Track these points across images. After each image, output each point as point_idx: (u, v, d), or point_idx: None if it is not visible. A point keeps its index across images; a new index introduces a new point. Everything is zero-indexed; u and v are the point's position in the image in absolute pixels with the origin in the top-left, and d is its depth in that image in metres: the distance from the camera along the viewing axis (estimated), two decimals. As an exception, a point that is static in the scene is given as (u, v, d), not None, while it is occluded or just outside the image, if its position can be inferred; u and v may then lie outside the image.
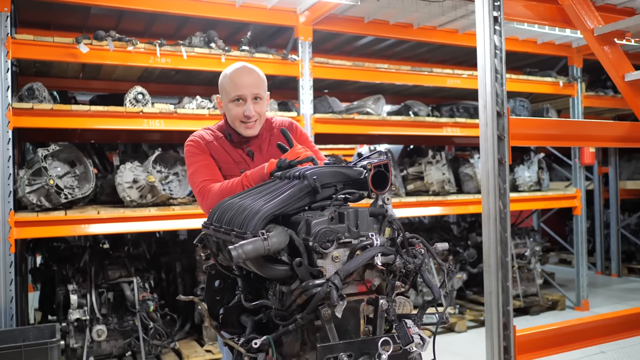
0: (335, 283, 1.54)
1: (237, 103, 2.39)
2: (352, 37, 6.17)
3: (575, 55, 6.73)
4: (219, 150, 2.46)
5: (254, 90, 2.39)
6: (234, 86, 2.38)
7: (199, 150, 2.44)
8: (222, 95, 2.47)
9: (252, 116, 2.39)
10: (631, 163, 9.13)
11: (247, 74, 2.42)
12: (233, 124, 2.44)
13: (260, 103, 2.42)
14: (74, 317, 4.39)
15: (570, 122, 3.83)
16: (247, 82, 2.39)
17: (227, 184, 2.29)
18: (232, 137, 2.47)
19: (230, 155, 2.46)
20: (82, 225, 4.29)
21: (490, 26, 2.96)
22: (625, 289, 7.88)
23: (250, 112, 2.38)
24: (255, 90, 2.39)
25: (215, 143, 2.46)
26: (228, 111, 2.43)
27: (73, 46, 4.25)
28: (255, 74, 2.43)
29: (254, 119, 2.41)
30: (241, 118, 2.39)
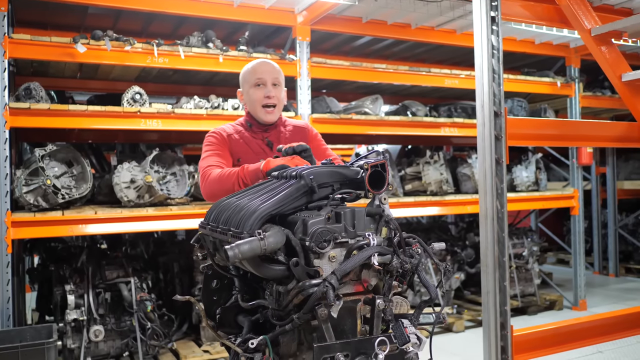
0: (332, 283, 1.54)
1: (258, 87, 2.57)
2: (350, 37, 6.17)
3: (573, 55, 6.73)
4: (239, 142, 2.59)
5: (273, 74, 2.60)
6: (254, 72, 2.59)
7: (216, 140, 2.58)
8: (244, 86, 2.64)
9: (273, 97, 2.56)
10: (629, 163, 9.14)
11: (266, 63, 2.66)
12: (254, 110, 2.60)
13: (279, 89, 2.60)
14: (71, 317, 4.39)
15: (568, 122, 3.84)
16: (266, 68, 2.61)
17: (225, 171, 2.38)
18: (253, 126, 2.62)
19: (250, 147, 2.59)
20: (80, 225, 4.28)
21: (488, 26, 2.96)
22: (623, 288, 7.89)
23: (271, 93, 2.56)
24: (274, 75, 2.60)
25: (236, 135, 2.60)
26: (249, 97, 2.60)
27: (70, 46, 4.24)
28: (273, 64, 2.66)
29: (274, 102, 2.58)
30: (262, 101, 2.56)
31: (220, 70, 4.97)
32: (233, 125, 2.65)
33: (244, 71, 2.65)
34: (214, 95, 4.97)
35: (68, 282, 4.52)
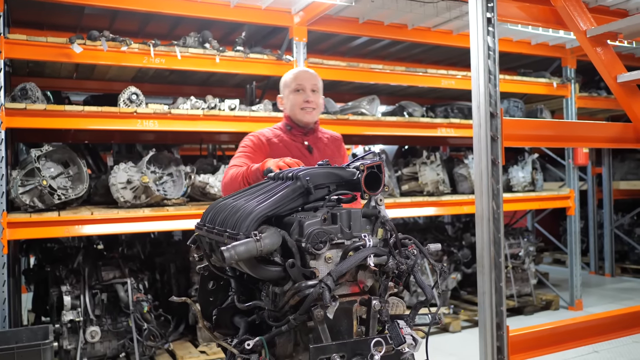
0: (328, 284, 1.54)
1: (298, 93, 2.74)
2: (347, 38, 6.18)
3: (569, 56, 6.75)
4: (278, 146, 2.72)
5: (312, 81, 2.77)
6: (295, 79, 2.77)
7: (251, 143, 2.71)
8: (284, 91, 2.81)
9: (312, 101, 2.72)
10: (624, 163, 9.17)
11: (307, 71, 2.85)
12: (294, 113, 2.75)
13: (317, 95, 2.77)
14: (67, 318, 4.38)
15: (563, 123, 3.85)
16: (306, 76, 2.79)
17: (236, 171, 2.49)
18: (293, 129, 2.76)
19: (290, 150, 2.71)
20: (76, 226, 4.27)
21: (484, 27, 2.97)
22: (619, 288, 7.92)
23: (310, 98, 2.72)
24: (313, 82, 2.77)
25: (275, 140, 2.73)
26: (289, 101, 2.77)
27: (66, 46, 4.23)
28: (312, 72, 2.85)
29: (313, 105, 2.74)
30: (301, 105, 2.72)
31: (216, 71, 4.97)
32: (272, 130, 2.79)
33: (285, 78, 2.81)
34: (210, 96, 4.97)
35: (64, 283, 4.51)
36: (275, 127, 2.80)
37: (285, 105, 2.80)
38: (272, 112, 5.05)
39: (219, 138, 6.96)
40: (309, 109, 2.73)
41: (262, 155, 2.64)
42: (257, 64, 4.99)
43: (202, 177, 4.88)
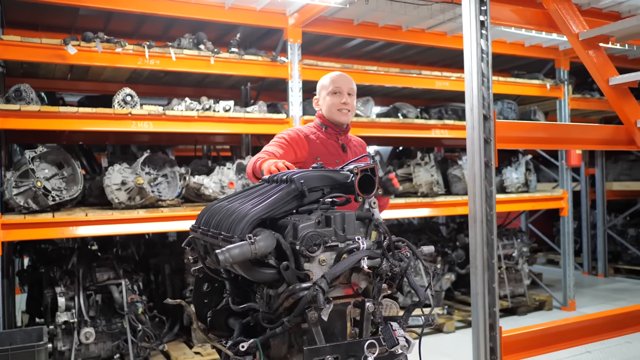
0: (322, 286, 1.55)
1: (335, 95, 2.83)
2: (342, 39, 6.19)
3: (562, 58, 6.79)
4: (316, 142, 2.80)
5: (349, 85, 2.87)
6: (333, 82, 2.86)
7: (287, 137, 2.77)
8: (321, 92, 2.91)
9: (348, 103, 2.83)
10: (617, 165, 9.22)
11: (344, 75, 2.93)
12: (330, 113, 2.85)
13: (352, 98, 2.87)
14: (61, 319, 4.37)
15: (555, 125, 3.88)
16: (343, 79, 2.89)
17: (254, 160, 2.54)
18: (328, 128, 2.85)
19: (326, 147, 2.81)
20: (70, 227, 4.27)
21: (477, 30, 2.99)
22: (612, 289, 7.96)
23: (346, 100, 2.83)
24: (349, 85, 2.87)
25: (312, 136, 2.82)
26: (326, 103, 2.86)
27: (61, 47, 4.23)
28: (349, 77, 2.93)
29: (349, 108, 2.84)
30: (338, 106, 2.82)
31: (211, 72, 4.98)
32: (308, 127, 2.89)
33: (322, 81, 2.91)
34: (205, 97, 4.97)
35: (58, 284, 4.50)
36: (310, 126, 2.90)
37: (321, 105, 2.90)
38: (267, 114, 5.06)
39: (213, 139, 6.97)
40: (345, 111, 2.83)
41: (299, 150, 2.74)
42: (252, 65, 5.00)
43: (197, 179, 4.89)
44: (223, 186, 4.88)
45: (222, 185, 4.88)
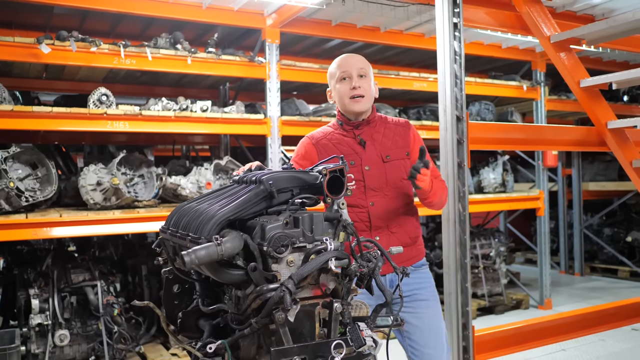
0: (289, 287, 1.55)
1: (344, 81, 2.51)
2: (320, 40, 6.20)
3: (539, 59, 6.88)
4: (327, 146, 2.56)
5: (358, 66, 2.51)
6: (339, 66, 2.53)
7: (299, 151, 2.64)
8: (331, 82, 2.61)
9: (358, 87, 2.47)
10: (594, 165, 9.37)
11: (351, 56, 2.58)
12: (343, 105, 2.54)
13: (365, 80, 2.51)
14: (35, 322, 4.32)
15: (528, 126, 3.92)
16: (350, 61, 2.54)
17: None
18: (344, 124, 2.56)
19: (339, 148, 2.54)
20: (44, 228, 4.22)
21: (450, 32, 3.02)
22: (588, 287, 8.08)
23: (356, 84, 2.48)
24: (359, 66, 2.51)
25: (324, 140, 2.58)
26: (337, 93, 2.55)
27: (34, 46, 4.18)
28: (358, 56, 2.58)
29: (361, 93, 2.48)
30: (348, 93, 2.49)
31: (188, 72, 4.96)
32: (324, 128, 2.65)
33: (330, 69, 2.60)
34: (182, 97, 4.95)
35: (32, 286, 4.45)
36: (329, 125, 2.65)
37: (334, 98, 2.60)
38: (245, 114, 5.06)
39: (192, 139, 6.94)
40: (358, 97, 2.48)
41: (309, 163, 2.50)
42: (230, 65, 4.98)
43: (174, 179, 4.86)
44: (200, 187, 4.86)
45: (199, 186, 4.86)
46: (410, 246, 2.56)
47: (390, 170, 2.53)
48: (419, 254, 2.61)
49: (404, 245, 2.50)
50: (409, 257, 2.56)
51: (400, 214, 2.57)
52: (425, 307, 2.58)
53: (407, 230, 2.57)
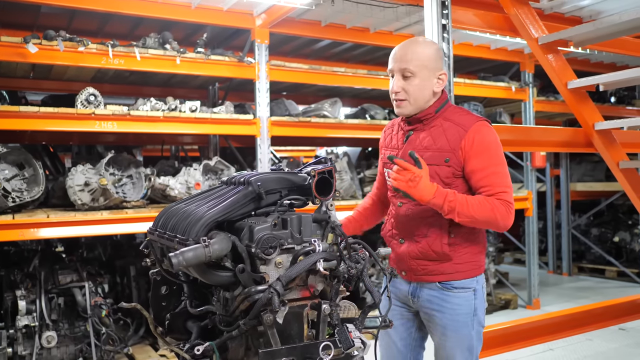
0: (277, 289, 1.55)
1: (392, 78, 2.30)
2: (310, 41, 6.20)
3: (527, 61, 6.92)
4: (389, 136, 2.46)
5: (401, 64, 2.23)
6: (389, 60, 2.30)
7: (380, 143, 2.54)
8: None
9: (396, 92, 2.25)
10: (581, 166, 9.44)
11: (402, 47, 2.28)
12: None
13: (411, 80, 2.22)
14: (22, 323, 4.27)
15: (516, 127, 3.95)
16: (397, 55, 2.26)
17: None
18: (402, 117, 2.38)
19: (392, 141, 2.43)
20: (31, 229, 4.18)
21: (439, 34, 3.03)
22: (575, 287, 8.14)
23: (393, 88, 2.27)
24: (402, 64, 2.22)
25: (389, 130, 2.48)
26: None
27: (21, 46, 4.14)
28: (409, 47, 2.25)
29: (401, 97, 2.25)
30: (391, 95, 2.29)
31: (177, 72, 4.94)
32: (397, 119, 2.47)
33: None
34: (171, 97, 4.93)
35: (19, 287, 4.41)
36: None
37: None
38: (234, 114, 5.04)
39: (181, 140, 6.92)
40: (399, 101, 2.27)
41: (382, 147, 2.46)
42: (219, 65, 4.97)
43: (163, 180, 4.84)
44: (189, 187, 4.84)
45: (188, 187, 4.84)
46: (436, 261, 2.28)
47: None
48: (451, 273, 2.29)
49: (427, 259, 2.29)
50: (432, 272, 2.30)
51: (427, 225, 2.29)
52: (441, 334, 2.33)
53: (431, 244, 2.27)
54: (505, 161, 2.24)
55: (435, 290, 2.31)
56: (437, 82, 2.27)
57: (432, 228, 2.27)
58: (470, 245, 2.30)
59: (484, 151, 2.20)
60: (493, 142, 2.22)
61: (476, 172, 2.19)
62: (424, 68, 2.23)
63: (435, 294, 2.31)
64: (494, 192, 2.16)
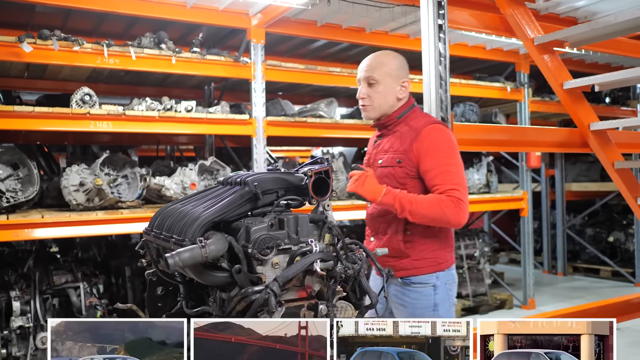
0: (274, 290, 1.55)
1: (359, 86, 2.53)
2: (306, 40, 6.19)
3: (523, 61, 6.93)
4: (370, 144, 2.68)
5: (367, 73, 2.47)
6: (357, 70, 2.54)
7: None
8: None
9: (362, 98, 2.49)
10: (576, 166, 9.47)
11: (368, 58, 2.52)
12: None
13: (375, 87, 2.46)
14: (16, 324, 4.25)
15: (513, 128, 3.96)
16: (363, 65, 2.51)
17: None
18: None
19: (369, 148, 2.66)
20: (26, 229, 4.16)
21: (435, 34, 3.03)
22: (570, 287, 8.17)
23: (359, 94, 2.50)
24: (368, 73, 2.47)
25: (372, 138, 2.69)
26: None
27: (16, 45, 4.11)
28: (374, 58, 2.50)
29: (366, 103, 2.49)
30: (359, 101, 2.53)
31: (173, 72, 4.92)
32: None
33: None
34: (166, 97, 4.91)
35: (13, 288, 4.38)
36: None
37: None
38: (230, 114, 5.03)
39: (176, 140, 6.89)
40: (364, 106, 2.50)
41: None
42: (215, 65, 4.96)
43: (158, 180, 4.82)
44: (185, 187, 4.83)
45: (184, 187, 4.83)
46: (396, 258, 2.43)
47: (381, 176, 2.46)
48: (409, 269, 2.43)
49: (389, 255, 2.36)
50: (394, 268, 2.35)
51: (387, 223, 2.47)
52: None
53: (390, 241, 2.44)
54: (458, 161, 2.40)
55: (398, 285, 2.47)
56: (400, 89, 2.49)
57: (391, 226, 2.45)
58: (428, 242, 2.43)
59: (435, 151, 2.36)
60: (444, 142, 2.38)
61: (428, 171, 2.36)
62: (388, 76, 2.46)
63: (398, 289, 2.47)
64: (445, 189, 2.30)
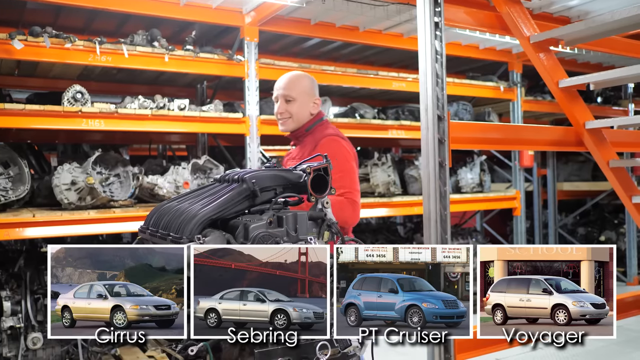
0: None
1: (276, 103, 2.79)
2: (299, 39, 6.17)
3: (515, 61, 6.95)
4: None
5: (284, 91, 2.74)
6: (274, 88, 2.80)
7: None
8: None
9: (281, 113, 2.75)
10: (568, 165, 9.50)
11: (284, 78, 2.79)
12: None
13: (292, 104, 2.73)
14: (7, 325, 4.20)
15: (508, 126, 3.96)
16: (279, 84, 2.77)
17: None
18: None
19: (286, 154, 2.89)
20: (16, 228, 4.11)
21: (432, 32, 3.02)
22: (562, 286, 8.18)
23: (278, 110, 2.76)
24: (285, 91, 2.73)
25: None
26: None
27: (6, 42, 4.06)
28: (290, 79, 2.77)
29: (285, 117, 2.75)
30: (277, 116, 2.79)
31: (165, 70, 4.88)
32: None
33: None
34: (159, 95, 4.87)
35: (4, 288, 4.33)
36: None
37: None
38: (223, 113, 5.00)
39: (169, 138, 6.84)
40: (282, 119, 2.77)
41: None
42: (208, 63, 4.92)
43: (151, 178, 4.78)
44: (178, 186, 4.79)
45: (176, 185, 4.79)
46: None
47: None
48: None
49: None
50: None
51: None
52: None
53: None
54: (353, 169, 2.66)
55: None
56: (313, 105, 2.79)
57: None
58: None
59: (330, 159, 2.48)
60: (338, 152, 2.63)
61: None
62: (304, 94, 2.75)
63: None
64: (340, 192, 2.49)
